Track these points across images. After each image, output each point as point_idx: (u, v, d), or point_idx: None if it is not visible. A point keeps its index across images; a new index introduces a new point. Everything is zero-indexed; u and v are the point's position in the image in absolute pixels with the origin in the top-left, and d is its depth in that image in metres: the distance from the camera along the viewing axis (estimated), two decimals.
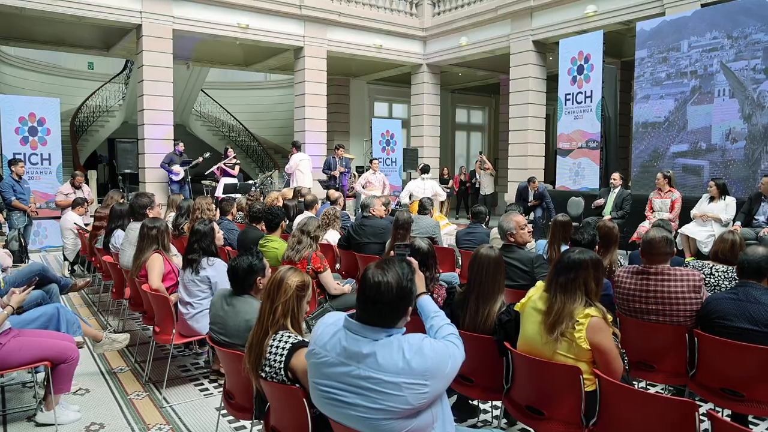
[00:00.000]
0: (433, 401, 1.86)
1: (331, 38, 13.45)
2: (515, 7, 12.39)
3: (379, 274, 1.85)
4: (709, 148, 8.77)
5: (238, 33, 12.24)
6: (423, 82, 15.30)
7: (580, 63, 10.68)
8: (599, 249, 4.07)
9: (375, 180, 10.97)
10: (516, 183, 12.72)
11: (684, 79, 9.00)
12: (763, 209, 6.98)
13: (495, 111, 19.65)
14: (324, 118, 13.56)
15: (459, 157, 19.72)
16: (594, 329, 2.49)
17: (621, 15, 10.61)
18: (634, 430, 2.35)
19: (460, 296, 3.12)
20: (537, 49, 12.48)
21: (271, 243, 4.99)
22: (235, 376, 2.78)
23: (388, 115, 18.60)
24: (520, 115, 12.76)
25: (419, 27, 14.89)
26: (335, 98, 16.86)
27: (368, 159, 15.07)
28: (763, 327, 2.88)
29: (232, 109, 19.99)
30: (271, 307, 2.39)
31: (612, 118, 10.88)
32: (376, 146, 14.22)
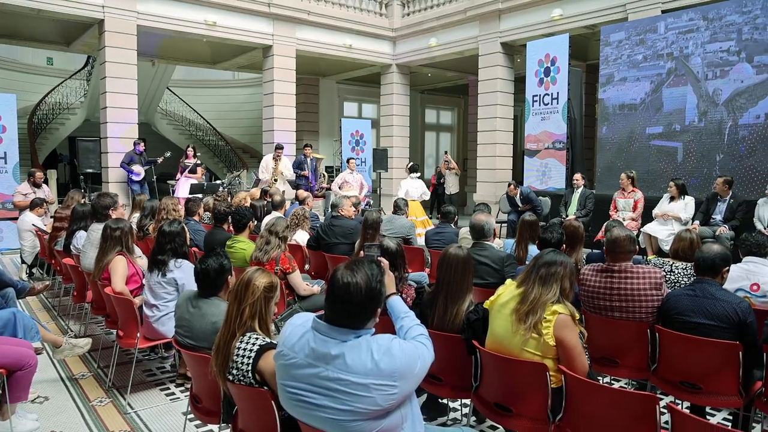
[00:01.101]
0: (402, 402, 1.87)
1: (301, 37, 13.38)
2: (484, 9, 12.50)
3: (348, 275, 1.85)
4: (683, 130, 8.86)
5: (206, 30, 12.07)
6: (392, 83, 15.32)
7: (546, 65, 10.85)
8: (566, 248, 4.14)
9: (352, 180, 10.93)
10: (485, 183, 12.89)
11: (660, 61, 9.08)
12: (719, 208, 7.20)
13: (464, 112, 19.79)
14: (293, 117, 13.47)
15: (428, 157, 19.83)
16: (561, 326, 2.55)
17: (586, 19, 10.80)
18: (599, 424, 2.40)
19: (429, 296, 3.14)
20: (505, 51, 12.61)
21: (238, 244, 4.95)
22: (201, 380, 2.75)
23: (358, 115, 18.59)
24: (488, 116, 12.89)
25: (389, 27, 14.92)
26: (304, 98, 16.77)
27: (337, 159, 15.07)
28: (718, 321, 2.98)
29: (199, 108, 19.70)
30: (238, 308, 2.37)
31: (578, 120, 11.08)
32: (346, 146, 14.20)
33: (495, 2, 12.20)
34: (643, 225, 7.56)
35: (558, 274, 2.64)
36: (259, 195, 8.43)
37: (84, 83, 17.48)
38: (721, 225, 7.00)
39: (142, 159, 10.84)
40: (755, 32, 7.96)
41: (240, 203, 7.35)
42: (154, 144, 16.05)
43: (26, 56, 18.06)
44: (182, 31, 11.92)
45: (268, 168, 10.80)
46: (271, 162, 10.83)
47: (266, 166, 10.87)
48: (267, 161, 10.94)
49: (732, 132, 8.29)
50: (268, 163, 10.87)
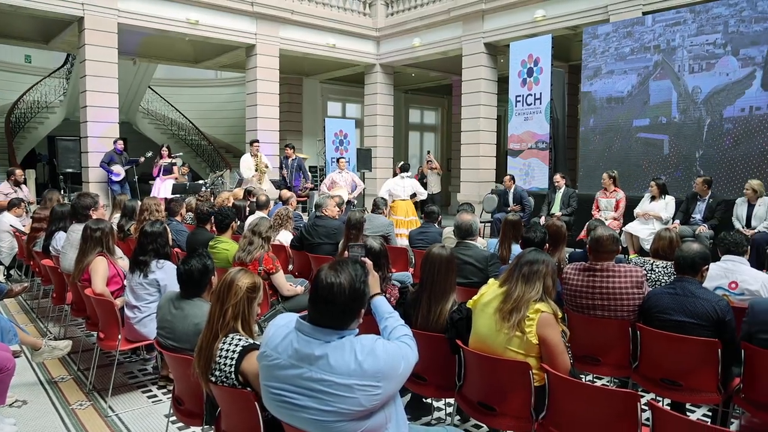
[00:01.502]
0: (386, 402, 1.86)
1: (284, 36, 13.32)
2: (467, 9, 12.54)
3: (332, 275, 1.84)
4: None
5: (188, 29, 11.97)
6: (376, 82, 15.32)
7: (529, 66, 10.91)
8: (548, 247, 4.16)
9: (341, 179, 10.75)
10: (468, 183, 12.94)
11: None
12: (698, 208, 7.30)
13: (448, 112, 19.85)
14: (276, 117, 13.41)
15: (413, 157, 19.84)
16: (543, 324, 2.57)
17: (568, 20, 10.88)
18: (581, 421, 2.42)
19: (412, 295, 3.15)
20: (488, 51, 12.67)
21: (221, 244, 4.92)
22: (184, 381, 2.72)
23: (342, 114, 18.55)
24: (471, 116, 12.93)
25: (372, 27, 14.91)
26: (288, 97, 16.70)
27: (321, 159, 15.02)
28: (698, 319, 3.02)
29: (181, 107, 19.55)
30: (221, 309, 2.36)
31: (560, 120, 11.16)
32: (329, 146, 14.17)
33: (478, 3, 12.25)
34: (625, 224, 7.64)
35: (540, 272, 2.67)
36: (243, 195, 8.38)
37: (63, 81, 17.25)
38: (701, 224, 7.10)
39: (123, 159, 10.71)
40: (741, 25, 8.00)
41: (223, 203, 7.31)
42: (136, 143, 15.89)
43: (3, 54, 17.70)
44: (164, 30, 11.80)
45: (250, 165, 10.73)
46: (251, 159, 10.75)
47: (247, 163, 10.79)
48: (246, 159, 10.85)
49: (713, 127, 8.35)
50: (248, 160, 10.79)
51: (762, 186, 6.82)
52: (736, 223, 6.89)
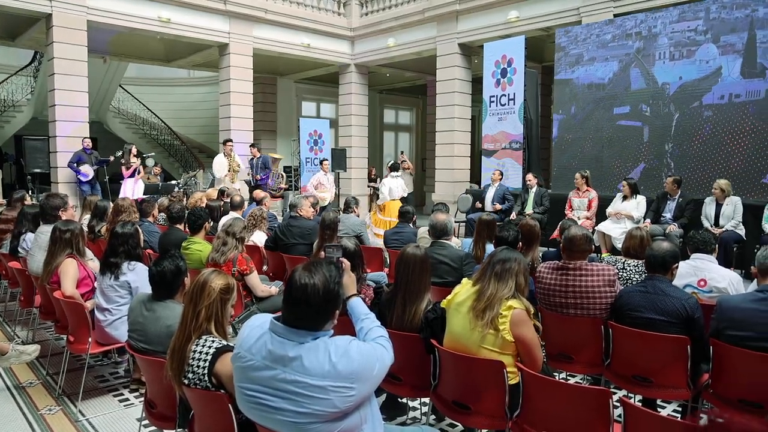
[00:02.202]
0: (360, 403, 1.86)
1: (258, 35, 13.22)
2: (441, 10, 12.60)
3: (306, 276, 1.83)
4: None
5: (160, 27, 11.81)
6: (351, 82, 15.30)
7: (503, 66, 11.00)
8: (522, 246, 4.20)
9: (326, 181, 10.78)
10: (443, 183, 12.99)
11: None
12: (669, 207, 7.44)
13: (422, 112, 19.91)
14: (250, 117, 13.31)
15: (387, 157, 19.85)
16: (517, 321, 2.59)
17: (541, 22, 11.01)
18: (555, 419, 2.45)
19: (387, 296, 3.15)
20: (462, 51, 12.75)
21: (194, 245, 4.86)
22: (156, 384, 2.68)
23: (316, 114, 18.49)
24: (446, 116, 13.00)
25: (347, 27, 14.88)
26: (262, 97, 16.58)
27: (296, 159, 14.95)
28: (668, 317, 3.07)
29: (153, 107, 19.26)
30: (193, 311, 2.33)
31: (534, 120, 11.27)
32: (304, 146, 14.11)
33: (452, 3, 12.31)
34: (598, 223, 7.75)
35: (513, 270, 2.70)
36: (216, 195, 8.30)
37: (31, 80, 16.85)
38: (671, 223, 7.23)
39: (93, 159, 10.51)
40: (723, 11, 8.04)
41: (196, 204, 7.22)
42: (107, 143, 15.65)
43: None
44: (135, 28, 11.63)
45: (223, 165, 10.63)
46: (224, 159, 10.66)
47: (220, 163, 10.69)
48: (220, 159, 10.76)
49: (686, 118, 8.44)
50: (221, 160, 10.69)
51: (729, 186, 6.98)
52: (705, 222, 7.04)
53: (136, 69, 18.33)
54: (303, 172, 13.83)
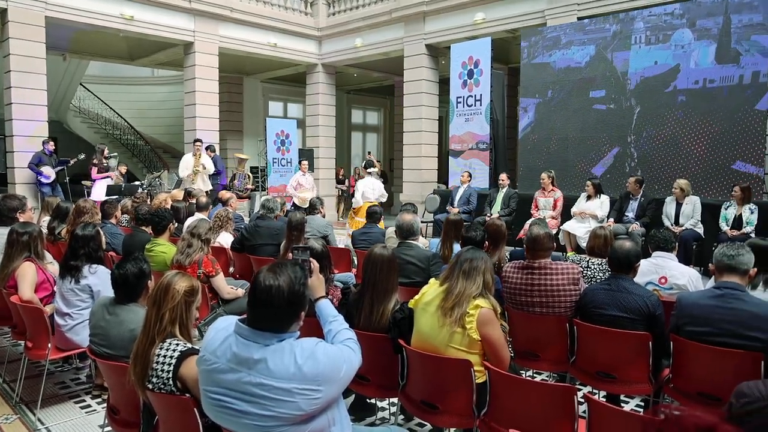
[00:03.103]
0: (327, 405, 1.85)
1: (223, 34, 13.06)
2: (409, 11, 12.64)
3: (270, 277, 1.82)
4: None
5: (122, 25, 11.55)
6: (318, 82, 15.23)
7: (470, 67, 11.10)
8: (488, 246, 4.23)
9: (305, 181, 10.66)
10: (411, 183, 13.03)
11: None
12: (631, 206, 7.60)
13: (390, 112, 19.95)
14: (216, 117, 13.13)
15: (355, 157, 19.85)
16: (483, 320, 2.62)
17: (507, 23, 11.14)
18: (522, 416, 2.48)
19: (354, 296, 3.15)
20: (430, 52, 12.81)
21: (158, 247, 4.77)
22: (119, 390, 2.63)
23: (283, 114, 18.36)
24: (414, 117, 13.04)
25: (314, 26, 14.82)
26: (228, 96, 16.39)
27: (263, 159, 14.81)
28: (631, 314, 3.14)
29: (115, 106, 18.87)
30: (157, 314, 2.29)
31: (500, 121, 11.39)
32: (271, 146, 13.99)
33: (420, 4, 12.36)
34: (563, 223, 7.87)
35: (480, 268, 2.72)
36: (182, 196, 8.16)
37: None
38: (634, 222, 7.39)
39: (53, 160, 10.23)
40: None
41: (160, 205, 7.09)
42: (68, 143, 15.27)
43: None
44: (96, 25, 11.34)
45: (188, 165, 10.47)
46: (191, 159, 10.50)
47: (186, 162, 10.52)
48: (187, 159, 10.59)
49: (654, 105, 8.55)
50: (188, 159, 10.53)
51: (689, 185, 7.17)
52: (666, 220, 7.22)
53: (98, 67, 17.93)
54: (270, 172, 13.72)
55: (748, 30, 7.60)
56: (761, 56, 7.51)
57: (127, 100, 19.48)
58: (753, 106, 7.59)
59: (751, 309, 2.79)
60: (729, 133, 7.82)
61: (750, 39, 7.59)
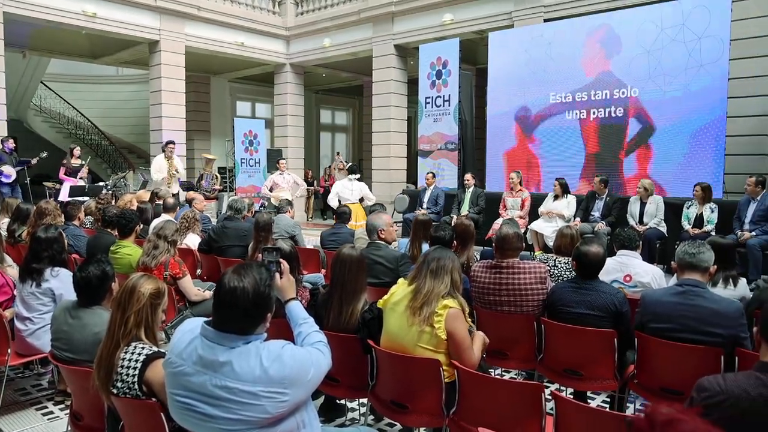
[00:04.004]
0: (296, 408, 1.84)
1: (190, 33, 12.87)
2: (377, 11, 12.65)
3: (235, 279, 1.80)
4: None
5: (84, 22, 11.29)
6: (286, 82, 15.14)
7: (438, 68, 11.15)
8: (457, 246, 4.26)
9: (282, 181, 10.35)
10: (380, 183, 13.04)
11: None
12: (597, 206, 7.74)
13: (359, 112, 19.95)
14: (183, 116, 12.93)
15: (324, 157, 19.79)
16: (451, 319, 2.63)
17: (475, 25, 11.24)
18: (490, 414, 2.50)
19: (323, 297, 3.14)
20: (398, 53, 12.85)
21: (123, 249, 4.67)
22: (83, 395, 2.57)
23: (251, 114, 18.20)
24: (382, 117, 13.06)
25: (282, 26, 14.72)
26: (195, 96, 16.17)
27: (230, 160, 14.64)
28: (597, 311, 3.21)
29: (78, 105, 18.46)
30: (122, 317, 2.25)
31: (468, 122, 11.48)
32: (239, 146, 13.83)
33: (388, 5, 12.39)
34: (530, 222, 7.97)
35: (448, 267, 2.73)
36: (149, 198, 8.01)
37: None
38: (600, 221, 7.53)
39: (13, 159, 9.94)
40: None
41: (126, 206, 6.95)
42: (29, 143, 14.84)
43: None
44: (57, 22, 11.06)
45: (162, 168, 10.25)
46: (164, 161, 10.29)
47: (159, 165, 10.30)
48: (159, 161, 10.36)
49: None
50: (161, 162, 10.31)
51: (652, 185, 7.33)
52: (630, 220, 7.36)
53: (60, 65, 17.52)
54: (238, 173, 13.58)
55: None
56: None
57: (90, 99, 19.08)
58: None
59: (711, 305, 2.86)
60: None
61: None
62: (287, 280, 2.30)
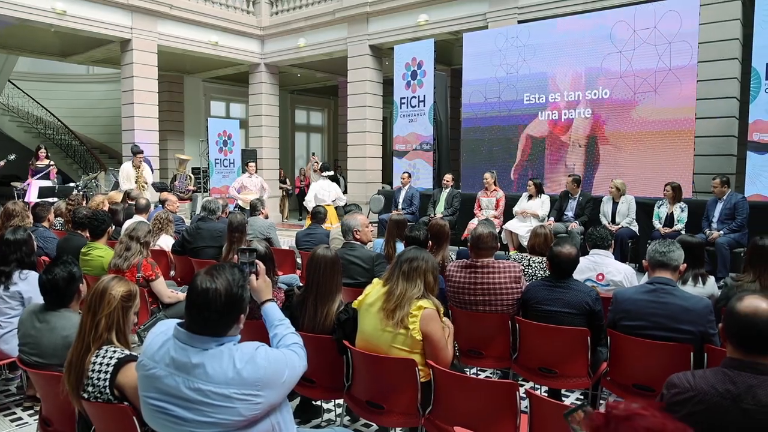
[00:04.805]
0: (270, 410, 1.82)
1: (162, 32, 12.71)
2: (352, 11, 12.64)
3: (207, 280, 1.78)
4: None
5: (54, 19, 11.06)
6: (261, 82, 15.04)
7: (413, 69, 11.18)
8: (432, 246, 4.28)
9: (251, 184, 10.21)
10: (355, 184, 13.03)
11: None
12: (570, 206, 7.83)
13: (334, 113, 19.89)
14: (156, 116, 12.75)
15: (299, 158, 19.69)
16: (426, 320, 2.64)
17: (450, 26, 11.30)
18: (465, 413, 2.51)
19: (298, 298, 3.12)
20: (373, 53, 12.85)
21: (95, 251, 4.60)
22: (52, 400, 2.52)
23: (226, 114, 18.02)
24: (358, 117, 13.05)
25: (257, 26, 14.61)
26: (168, 96, 15.97)
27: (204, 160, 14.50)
28: (572, 309, 3.25)
29: (48, 104, 18.07)
30: (92, 320, 2.22)
31: (443, 122, 11.53)
32: (213, 147, 13.71)
33: (363, 5, 12.39)
34: (505, 222, 8.03)
35: (420, 269, 2.73)
36: (121, 198, 7.89)
37: None
38: (573, 221, 7.62)
39: None
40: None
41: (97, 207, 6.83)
42: None
43: None
44: (25, 19, 10.82)
45: (130, 178, 10.04)
46: (132, 171, 10.06)
47: (127, 176, 10.08)
48: (128, 171, 10.10)
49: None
50: (129, 172, 10.08)
51: (624, 185, 7.44)
52: (603, 219, 7.46)
53: (29, 63, 17.17)
54: (212, 173, 13.44)
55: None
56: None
57: (60, 99, 18.71)
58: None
59: (681, 303, 2.92)
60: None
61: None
62: (263, 282, 2.28)
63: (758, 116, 7.21)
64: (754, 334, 1.71)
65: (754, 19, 7.25)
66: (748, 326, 1.72)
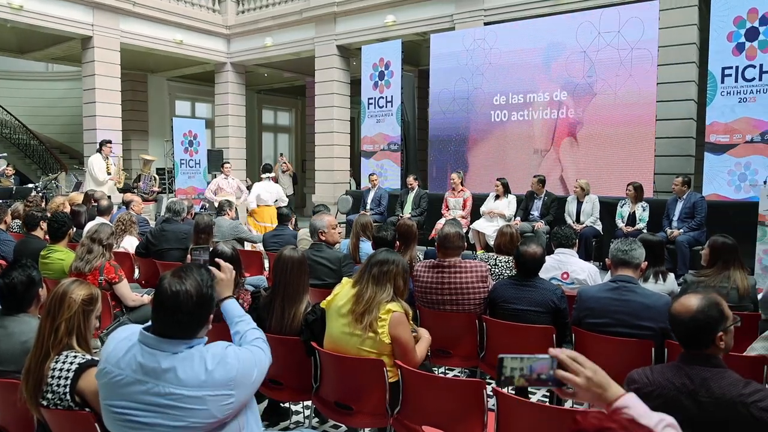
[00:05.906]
0: (239, 410, 1.81)
1: (125, 29, 12.46)
2: (319, 11, 12.60)
3: (176, 282, 1.75)
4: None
5: (9, 14, 10.73)
6: (227, 82, 14.88)
7: (381, 69, 11.20)
8: (399, 246, 4.29)
9: (227, 186, 9.97)
10: (323, 184, 13.00)
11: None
12: (536, 205, 7.95)
13: (302, 113, 19.78)
14: (119, 116, 12.50)
15: (267, 158, 19.50)
16: (395, 324, 2.64)
17: (417, 27, 11.37)
18: (434, 412, 2.53)
19: (265, 299, 3.10)
20: (341, 53, 12.83)
21: (55, 254, 4.48)
22: (9, 409, 2.44)
23: (191, 114, 17.76)
24: (325, 118, 13.02)
25: (223, 24, 14.44)
26: (131, 95, 15.66)
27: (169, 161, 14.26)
28: (538, 307, 3.31)
29: (4, 102, 17.52)
30: (52, 325, 2.16)
31: (411, 123, 11.58)
32: (178, 147, 13.47)
33: (330, 5, 12.36)
34: (472, 222, 8.10)
35: (391, 273, 2.73)
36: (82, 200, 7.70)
37: None
38: (539, 221, 7.73)
39: None
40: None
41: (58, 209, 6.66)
42: None
43: None
44: None
45: (101, 168, 9.79)
46: (102, 161, 9.83)
47: (100, 165, 9.83)
48: (98, 161, 9.86)
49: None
50: (100, 162, 9.84)
51: (588, 185, 7.58)
52: (568, 218, 7.59)
53: None
54: (177, 174, 13.22)
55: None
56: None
57: (17, 96, 18.16)
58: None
59: (642, 300, 2.99)
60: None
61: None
62: (223, 278, 2.25)
63: (715, 118, 7.42)
64: (682, 330, 1.85)
65: (710, 24, 7.46)
66: (676, 323, 1.87)
